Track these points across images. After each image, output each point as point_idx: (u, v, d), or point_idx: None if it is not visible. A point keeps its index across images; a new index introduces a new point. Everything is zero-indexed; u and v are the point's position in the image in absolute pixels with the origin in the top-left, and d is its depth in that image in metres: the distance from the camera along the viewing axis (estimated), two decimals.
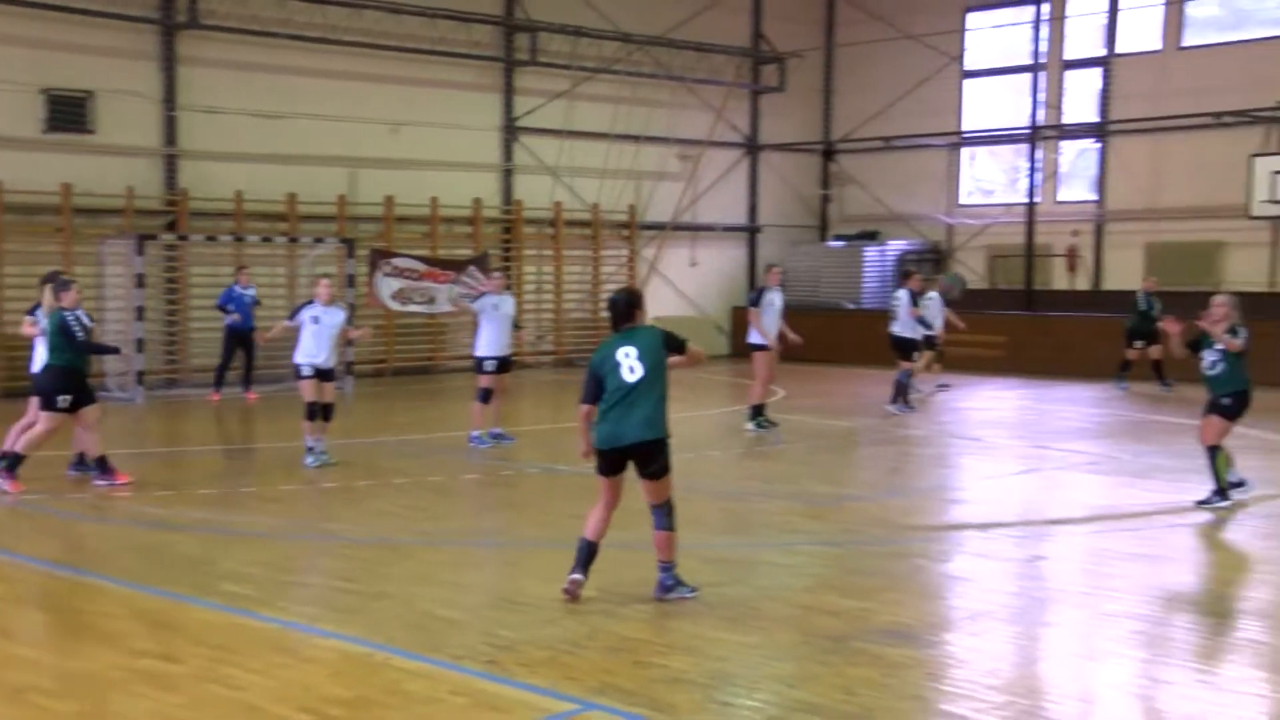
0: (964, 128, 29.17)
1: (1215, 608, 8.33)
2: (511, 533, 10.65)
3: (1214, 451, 11.14)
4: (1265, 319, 22.66)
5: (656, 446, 7.95)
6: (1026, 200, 26.43)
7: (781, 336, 16.23)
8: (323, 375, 13.41)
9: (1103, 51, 27.14)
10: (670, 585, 8.12)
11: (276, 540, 10.14)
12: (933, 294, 19.75)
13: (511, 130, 26.10)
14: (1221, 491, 11.14)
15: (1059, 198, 27.90)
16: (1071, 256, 26.71)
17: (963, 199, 29.77)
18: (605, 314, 28.21)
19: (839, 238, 30.21)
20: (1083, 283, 26.90)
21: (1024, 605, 8.36)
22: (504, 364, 14.93)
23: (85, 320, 12.06)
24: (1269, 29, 24.88)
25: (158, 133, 21.79)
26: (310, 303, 13.64)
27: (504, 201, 26.22)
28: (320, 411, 13.34)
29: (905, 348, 18.15)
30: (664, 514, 8.05)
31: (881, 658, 6.98)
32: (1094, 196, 27.41)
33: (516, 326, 15.50)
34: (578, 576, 8.08)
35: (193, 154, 22.08)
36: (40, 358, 12.09)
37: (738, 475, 13.89)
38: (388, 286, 22.46)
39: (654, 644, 7.24)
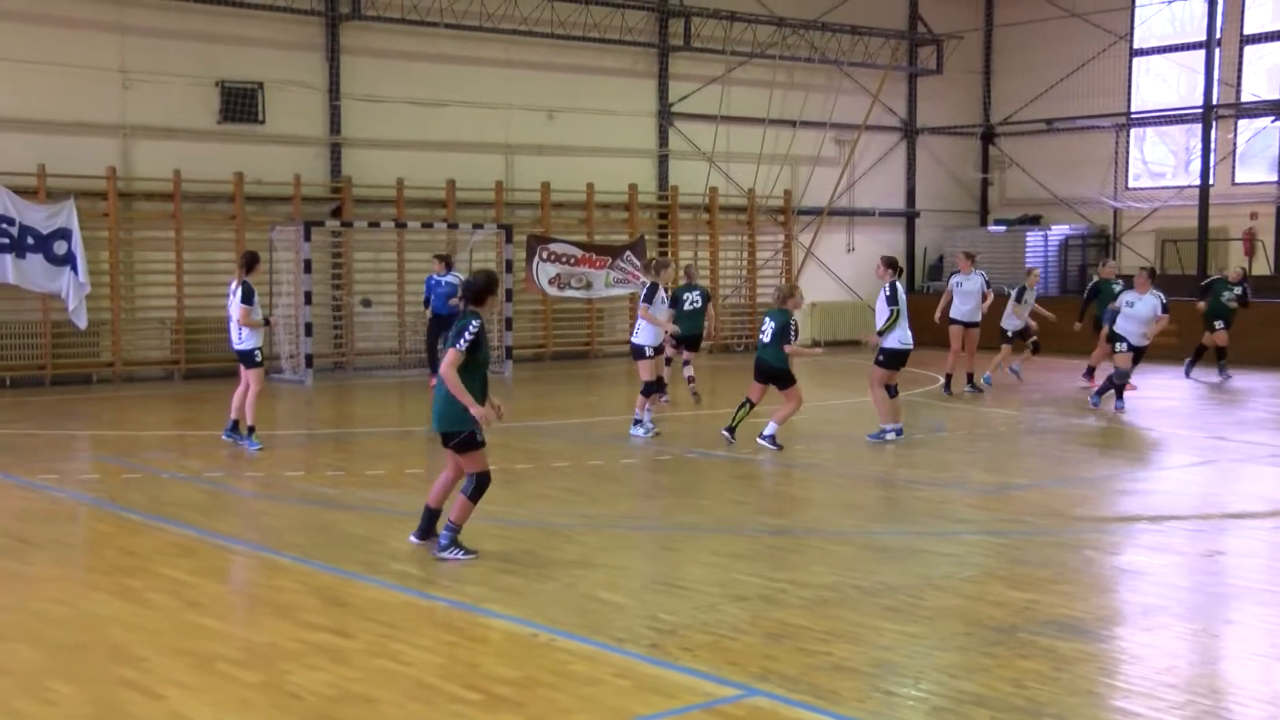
0: (1132, 108, 28.25)
1: None
2: (670, 518, 10.66)
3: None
4: None
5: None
6: (1200, 182, 25.48)
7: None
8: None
9: None
10: None
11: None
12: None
13: (666, 116, 26.13)
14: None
15: (1235, 179, 26.84)
16: (1249, 240, 25.68)
17: (1131, 182, 28.86)
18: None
19: (1000, 222, 29.58)
20: (1261, 267, 25.84)
21: (1201, 601, 8.07)
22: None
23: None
24: None
25: (323, 122, 22.38)
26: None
27: (659, 187, 26.27)
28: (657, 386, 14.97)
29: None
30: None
31: (1051, 651, 6.80)
32: (1273, 177, 26.31)
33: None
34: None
35: (355, 142, 22.63)
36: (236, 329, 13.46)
37: (894, 462, 13.68)
38: (545, 272, 22.78)
39: (815, 631, 7.17)
